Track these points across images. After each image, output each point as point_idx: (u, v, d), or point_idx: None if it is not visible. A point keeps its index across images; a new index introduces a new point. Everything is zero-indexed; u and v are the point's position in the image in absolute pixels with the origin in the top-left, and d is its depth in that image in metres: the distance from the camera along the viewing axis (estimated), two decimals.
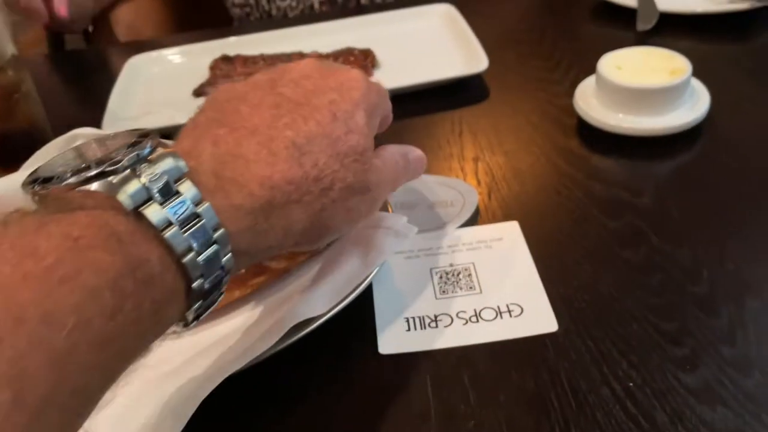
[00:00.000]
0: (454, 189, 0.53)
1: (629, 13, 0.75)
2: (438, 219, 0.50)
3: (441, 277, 0.45)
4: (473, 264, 0.46)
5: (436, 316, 0.43)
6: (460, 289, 0.44)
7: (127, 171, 0.27)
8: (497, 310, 0.43)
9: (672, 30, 0.72)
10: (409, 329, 0.42)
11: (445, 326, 0.42)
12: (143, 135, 0.30)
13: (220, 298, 0.31)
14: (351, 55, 0.71)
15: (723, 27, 0.72)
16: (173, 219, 0.27)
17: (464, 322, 0.42)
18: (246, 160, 0.31)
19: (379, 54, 0.73)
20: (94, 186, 0.26)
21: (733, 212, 0.48)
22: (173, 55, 0.78)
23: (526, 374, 0.39)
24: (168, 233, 0.26)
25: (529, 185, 0.53)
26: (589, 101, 0.59)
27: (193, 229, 0.27)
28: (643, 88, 0.55)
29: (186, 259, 0.27)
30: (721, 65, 0.66)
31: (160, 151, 0.29)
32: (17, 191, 0.43)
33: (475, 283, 0.45)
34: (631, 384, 0.37)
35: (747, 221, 0.47)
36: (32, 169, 0.29)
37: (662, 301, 0.42)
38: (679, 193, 0.51)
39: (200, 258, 0.28)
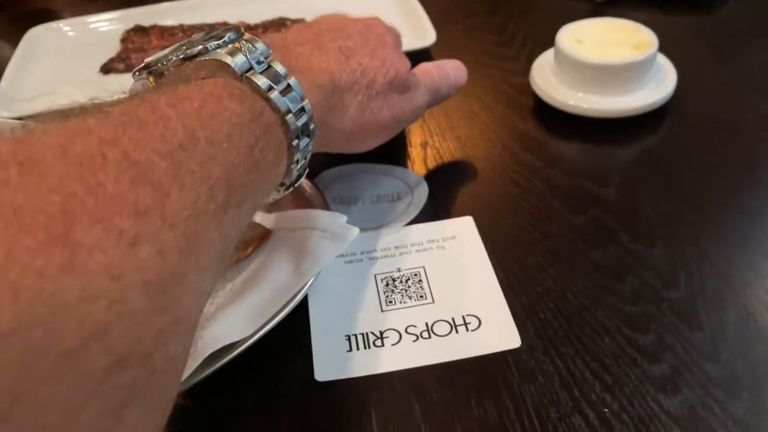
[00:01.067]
0: (401, 180, 0.47)
1: None
2: (383, 215, 0.44)
3: (387, 285, 0.39)
4: (423, 268, 0.40)
5: (381, 333, 0.37)
6: (409, 298, 0.38)
7: (230, 45, 0.30)
8: (452, 323, 0.37)
9: (631, 1, 0.67)
10: (350, 349, 0.36)
11: (393, 344, 0.36)
12: (228, 27, 0.32)
13: (305, 172, 0.35)
14: (283, 27, 0.63)
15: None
16: (274, 85, 0.30)
17: (414, 338, 0.36)
18: (306, 56, 0.36)
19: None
20: (207, 57, 0.30)
21: (707, 204, 0.44)
22: (79, 25, 0.68)
23: (486, 402, 0.33)
24: (272, 94, 0.30)
25: (485, 175, 0.48)
26: (548, 79, 0.53)
27: (288, 95, 0.31)
28: (606, 65, 0.50)
29: (288, 118, 0.30)
30: (683, 38, 0.61)
31: (247, 35, 0.32)
32: None
33: (426, 291, 0.39)
34: (606, 410, 0.32)
35: (723, 214, 0.43)
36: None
37: (637, 310, 0.37)
38: (648, 183, 0.46)
39: (297, 121, 0.31)
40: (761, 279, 0.38)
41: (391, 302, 0.38)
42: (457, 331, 0.37)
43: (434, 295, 0.39)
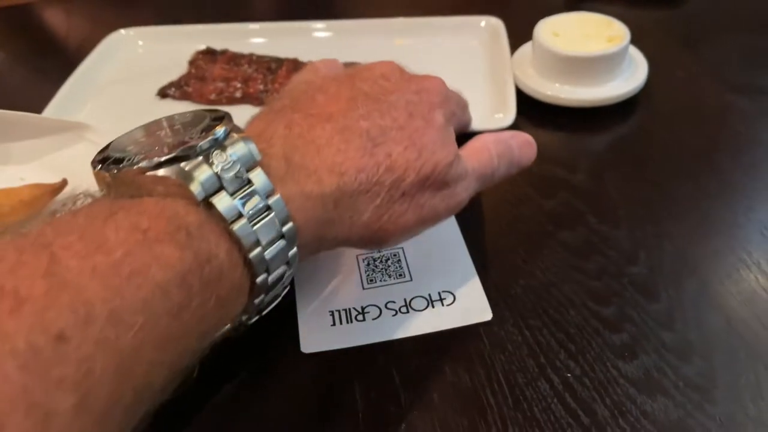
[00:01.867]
0: None
1: None
2: None
3: (368, 264, 0.42)
4: (402, 249, 0.43)
5: (363, 308, 0.39)
6: (389, 276, 0.41)
7: (200, 157, 0.26)
8: (428, 298, 0.40)
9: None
10: (334, 323, 0.39)
11: (374, 318, 0.39)
12: (218, 117, 0.29)
13: (284, 292, 0.31)
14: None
15: None
16: (243, 211, 0.26)
17: (394, 313, 0.39)
18: (317, 146, 0.30)
19: None
20: (166, 172, 0.25)
21: (669, 187, 0.46)
22: (166, 35, 0.64)
23: (460, 369, 0.36)
24: (237, 226, 0.26)
25: None
26: (526, 70, 0.56)
27: (262, 222, 0.27)
28: (582, 56, 0.53)
29: (253, 254, 0.26)
30: (653, 31, 0.64)
31: (234, 136, 0.27)
32: None
33: (405, 270, 0.41)
34: (569, 375, 0.35)
35: (684, 199, 0.46)
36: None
37: (600, 285, 0.40)
38: (615, 169, 0.49)
39: (267, 253, 0.27)
40: (716, 255, 0.41)
41: (372, 281, 0.41)
42: (433, 306, 0.39)
43: (412, 273, 0.41)
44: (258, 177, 0.27)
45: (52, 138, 0.45)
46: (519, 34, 0.60)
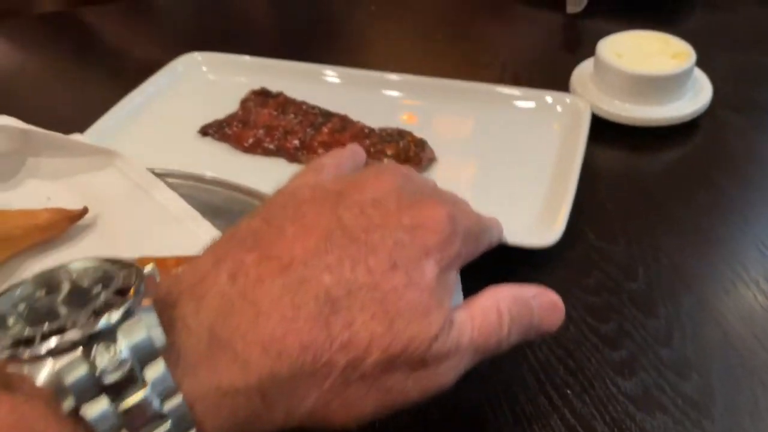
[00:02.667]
0: None
1: None
2: None
3: None
4: None
5: None
6: None
7: (79, 351, 0.20)
8: None
9: (601, 13, 0.71)
10: None
11: None
12: (125, 288, 0.22)
13: None
14: (395, 142, 0.51)
15: (650, 11, 0.71)
16: (126, 423, 0.20)
17: None
18: (257, 311, 0.23)
19: (450, 143, 0.52)
20: (31, 369, 0.20)
21: (665, 202, 0.47)
22: (222, 65, 0.62)
23: (459, 386, 0.36)
24: None
25: None
26: (586, 85, 0.56)
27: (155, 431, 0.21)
28: (652, 76, 0.53)
29: None
30: None
31: (135, 318, 0.21)
32: None
33: None
34: (569, 392, 0.35)
35: (680, 214, 0.46)
36: None
37: (600, 301, 0.40)
38: (614, 185, 0.49)
39: None
40: (712, 270, 0.42)
41: None
42: None
43: None
44: (156, 372, 0.21)
45: (83, 159, 0.45)
46: (517, 50, 0.60)
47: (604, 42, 0.56)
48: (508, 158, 0.50)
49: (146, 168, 0.45)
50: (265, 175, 0.31)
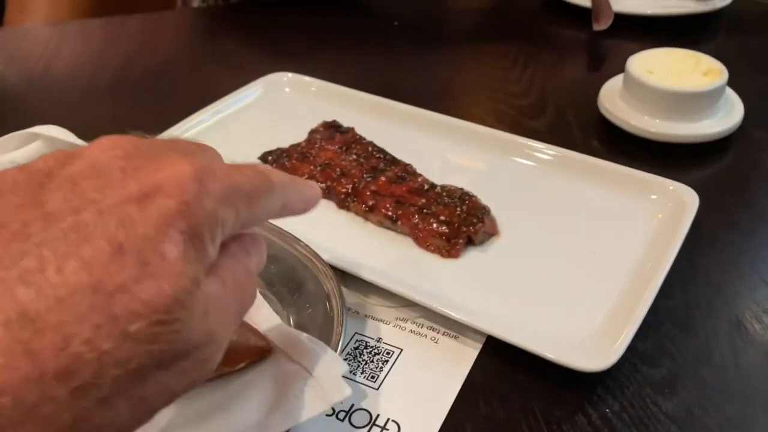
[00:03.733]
0: None
1: (580, 12, 0.73)
2: None
3: None
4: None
5: None
6: None
7: None
8: None
9: (626, 31, 0.71)
10: None
11: None
12: None
13: None
14: (453, 205, 0.45)
15: (675, 30, 0.71)
16: None
17: None
18: None
19: (519, 214, 0.45)
20: None
21: (702, 223, 0.46)
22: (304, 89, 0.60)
23: (494, 402, 0.35)
24: None
25: None
26: (615, 102, 0.56)
27: None
28: (684, 92, 0.52)
29: None
30: None
31: None
32: None
33: None
34: (607, 411, 0.34)
35: (718, 233, 0.46)
36: None
37: None
38: None
39: None
40: (751, 290, 0.41)
41: None
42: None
43: None
44: None
45: None
46: (543, 66, 0.60)
47: (635, 58, 0.55)
48: (582, 247, 0.43)
49: None
50: (307, 217, 0.28)
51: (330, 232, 0.44)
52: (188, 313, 0.21)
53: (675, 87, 0.52)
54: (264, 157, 0.51)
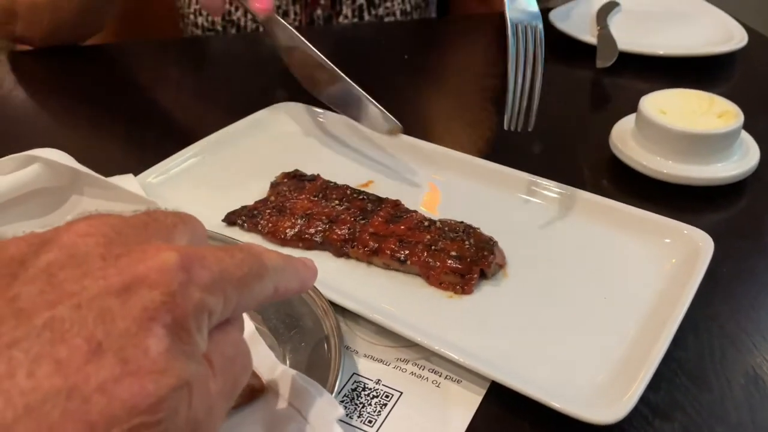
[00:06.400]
0: None
1: (589, 49, 0.72)
2: None
3: None
4: None
5: None
6: None
7: None
8: None
9: (630, 69, 0.70)
10: None
11: None
12: None
13: None
14: (460, 240, 0.43)
15: (687, 70, 0.70)
16: None
17: None
18: None
19: (525, 250, 0.44)
20: None
21: (717, 269, 0.44)
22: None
23: None
24: None
25: None
26: (627, 142, 0.54)
27: None
28: (700, 134, 0.51)
29: None
30: None
31: None
32: None
33: None
34: None
35: (733, 280, 0.44)
36: None
37: None
38: None
39: None
40: (766, 339, 0.39)
41: None
42: None
43: None
44: None
45: (121, 206, 0.44)
46: (547, 102, 0.59)
47: (648, 98, 0.54)
48: (593, 290, 0.41)
49: None
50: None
51: (330, 275, 0.41)
52: (174, 413, 0.19)
53: (689, 128, 0.51)
54: (230, 219, 0.47)
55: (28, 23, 0.72)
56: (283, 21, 0.55)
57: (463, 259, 0.42)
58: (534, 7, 0.49)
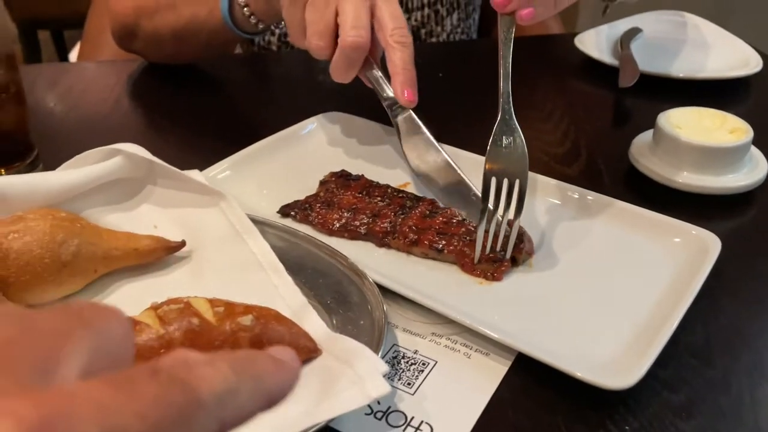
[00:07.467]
0: None
1: (611, 70, 0.77)
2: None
3: None
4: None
5: None
6: None
7: None
8: None
9: (650, 90, 0.74)
10: None
11: None
12: None
13: None
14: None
15: (700, 92, 0.74)
16: None
17: None
18: None
19: (552, 242, 0.49)
20: None
21: (725, 269, 0.48)
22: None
23: (521, 417, 0.38)
24: None
25: None
26: (645, 154, 0.59)
27: None
28: (711, 147, 0.56)
29: None
30: None
31: None
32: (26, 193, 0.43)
33: None
34: (627, 428, 0.37)
35: (738, 277, 0.48)
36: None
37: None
38: None
39: None
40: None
41: None
42: None
43: None
44: None
45: (193, 196, 0.49)
46: (576, 119, 0.64)
47: (665, 115, 0.59)
48: (608, 281, 0.46)
49: (246, 214, 0.48)
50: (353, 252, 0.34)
51: (373, 261, 0.47)
52: None
53: (703, 142, 0.56)
54: (285, 212, 0.52)
55: (147, 46, 0.76)
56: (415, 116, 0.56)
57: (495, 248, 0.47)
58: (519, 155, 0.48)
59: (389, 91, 0.55)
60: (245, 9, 0.64)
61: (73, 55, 1.50)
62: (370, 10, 0.53)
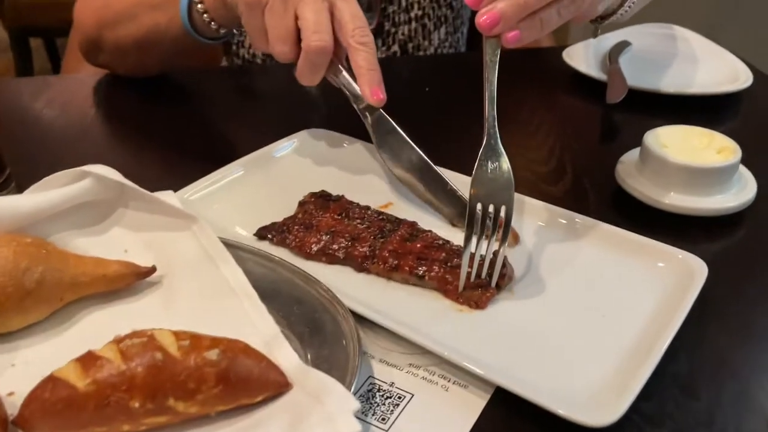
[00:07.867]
0: None
1: (598, 85, 0.76)
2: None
3: None
4: None
5: None
6: None
7: None
8: None
9: (639, 105, 0.73)
10: None
11: None
12: None
13: None
14: None
15: (689, 107, 0.73)
16: None
17: None
18: None
19: (532, 266, 0.48)
20: None
21: (710, 293, 0.47)
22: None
23: None
24: None
25: None
26: (631, 173, 0.58)
27: None
28: (699, 167, 0.55)
29: None
30: None
31: None
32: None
33: None
34: None
35: (724, 303, 0.47)
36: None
37: None
38: None
39: None
40: (757, 360, 0.42)
41: None
42: None
43: None
44: None
45: (164, 219, 0.48)
46: (562, 135, 0.63)
47: (652, 133, 0.58)
48: (592, 308, 0.45)
49: (219, 238, 0.46)
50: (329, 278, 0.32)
51: (351, 287, 0.45)
52: None
53: (690, 162, 0.55)
54: (261, 234, 0.51)
55: (112, 58, 0.76)
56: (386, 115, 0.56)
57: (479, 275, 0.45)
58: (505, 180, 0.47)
59: (359, 91, 0.55)
60: (204, 15, 0.64)
61: None
62: (329, 11, 0.53)
